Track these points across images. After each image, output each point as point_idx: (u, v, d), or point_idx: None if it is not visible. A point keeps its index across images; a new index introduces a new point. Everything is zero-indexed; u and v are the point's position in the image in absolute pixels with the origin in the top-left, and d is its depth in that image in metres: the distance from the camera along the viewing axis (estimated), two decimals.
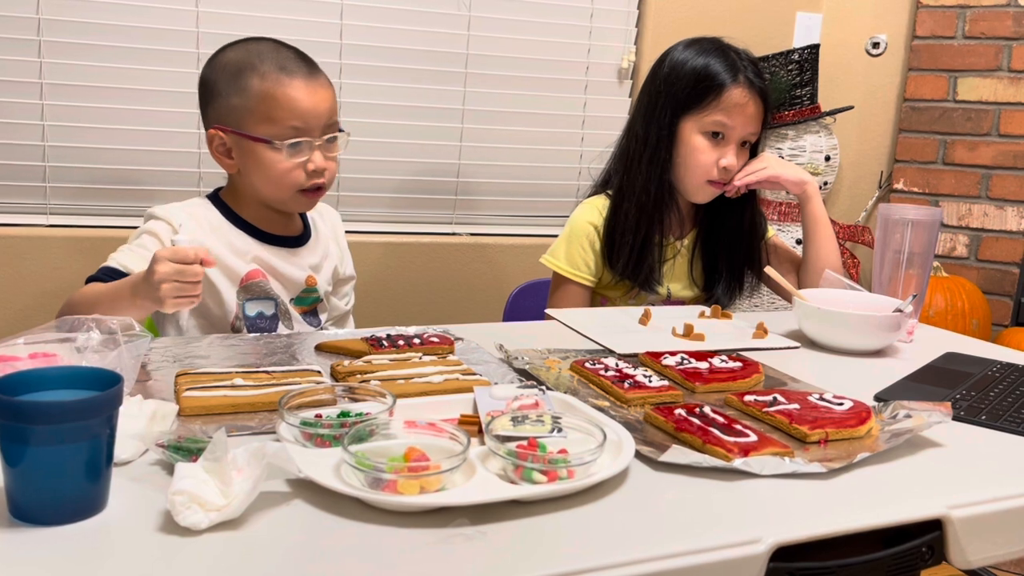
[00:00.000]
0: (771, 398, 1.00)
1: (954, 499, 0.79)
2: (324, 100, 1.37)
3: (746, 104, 1.54)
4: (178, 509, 0.64)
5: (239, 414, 0.90)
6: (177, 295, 1.10)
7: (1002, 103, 2.58)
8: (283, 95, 1.34)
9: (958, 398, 1.08)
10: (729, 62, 1.55)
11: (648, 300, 1.64)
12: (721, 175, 1.56)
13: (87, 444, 0.66)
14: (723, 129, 1.55)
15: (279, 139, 1.34)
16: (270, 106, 1.34)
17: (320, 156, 1.38)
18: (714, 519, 0.74)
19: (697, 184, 1.59)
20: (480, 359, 1.15)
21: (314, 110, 1.35)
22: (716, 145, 1.56)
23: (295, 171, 1.36)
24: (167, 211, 1.38)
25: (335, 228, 1.59)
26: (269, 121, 1.34)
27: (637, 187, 1.59)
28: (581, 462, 0.75)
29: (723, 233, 1.65)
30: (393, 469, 0.70)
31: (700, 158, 1.56)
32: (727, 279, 1.66)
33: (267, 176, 1.37)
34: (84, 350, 0.92)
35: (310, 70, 1.38)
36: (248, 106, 1.34)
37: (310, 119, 1.35)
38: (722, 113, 1.54)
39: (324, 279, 1.50)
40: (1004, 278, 2.63)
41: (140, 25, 2.06)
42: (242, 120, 1.35)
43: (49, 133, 2.05)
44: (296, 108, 1.34)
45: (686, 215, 1.67)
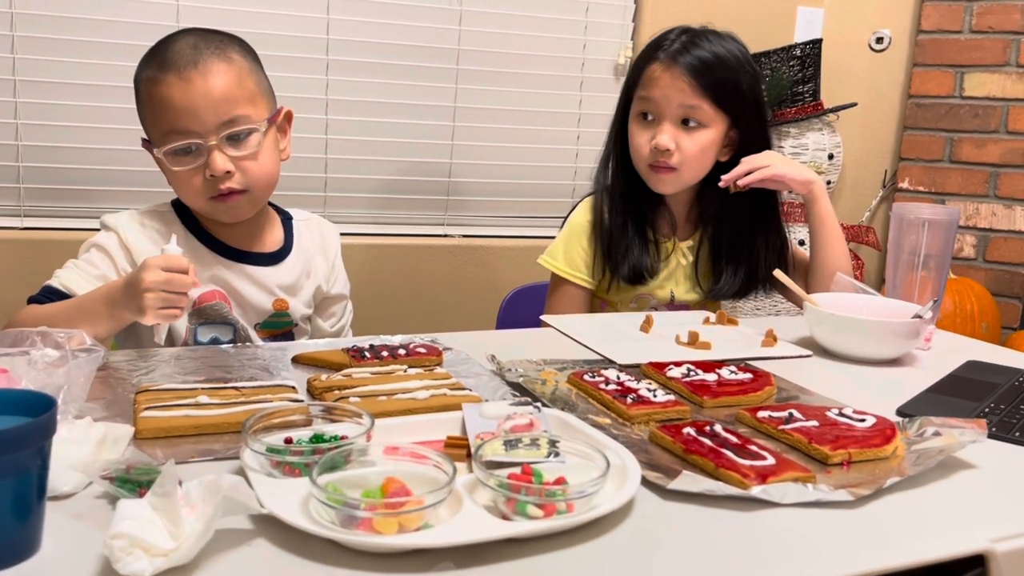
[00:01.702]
0: (787, 414, 0.92)
1: (997, 531, 0.71)
2: (203, 93, 1.19)
3: (661, 76, 1.45)
4: (117, 555, 0.56)
5: (202, 436, 0.82)
6: (163, 306, 1.04)
7: (1010, 99, 2.50)
8: (157, 96, 1.21)
9: (987, 412, 1.00)
10: (657, 41, 1.49)
11: (650, 304, 1.56)
12: (654, 156, 1.46)
13: (14, 480, 0.57)
14: (646, 107, 1.48)
15: (159, 146, 1.22)
16: (151, 109, 1.23)
17: (219, 158, 1.21)
18: (732, 557, 0.65)
19: (643, 171, 1.51)
20: (470, 371, 1.07)
21: (189, 108, 1.19)
22: (648, 127, 1.48)
23: (192, 178, 1.23)
24: (118, 221, 1.27)
25: (325, 242, 1.44)
26: (154, 127, 1.24)
27: (613, 181, 1.56)
28: (582, 494, 0.67)
29: (725, 235, 1.57)
30: (368, 505, 0.62)
31: (634, 143, 1.50)
32: (733, 283, 1.57)
33: (174, 186, 1.26)
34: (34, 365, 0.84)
35: (192, 61, 1.20)
36: (141, 112, 1.26)
37: (188, 118, 1.19)
38: (642, 90, 1.48)
39: (302, 301, 1.37)
40: (1013, 279, 2.55)
41: (118, 20, 1.98)
42: (144, 127, 1.27)
43: (23, 132, 1.96)
44: (170, 108, 1.19)
45: (679, 213, 1.58)
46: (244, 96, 1.24)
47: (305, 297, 1.38)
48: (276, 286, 1.33)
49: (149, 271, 1.04)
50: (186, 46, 1.22)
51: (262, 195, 1.30)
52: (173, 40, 1.25)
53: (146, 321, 1.05)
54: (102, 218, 1.29)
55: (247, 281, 1.30)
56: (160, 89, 1.21)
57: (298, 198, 1.34)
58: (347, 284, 1.47)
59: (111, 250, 1.25)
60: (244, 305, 1.30)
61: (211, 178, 1.22)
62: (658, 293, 1.56)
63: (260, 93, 1.28)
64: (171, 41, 1.25)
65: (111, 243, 1.25)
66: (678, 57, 1.45)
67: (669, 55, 1.46)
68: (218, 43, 1.24)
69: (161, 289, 1.03)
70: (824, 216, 1.54)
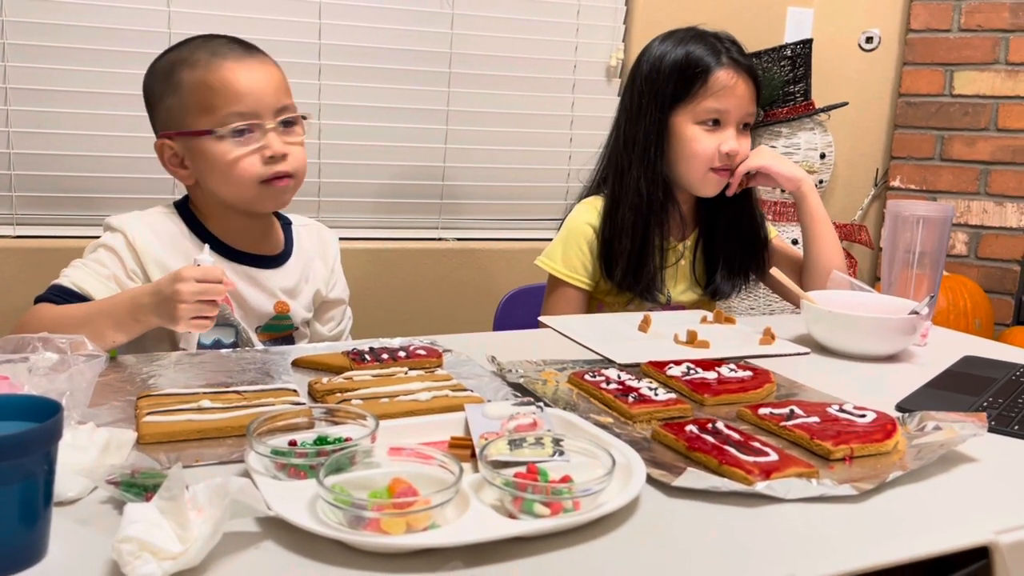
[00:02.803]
0: (787, 411, 0.92)
1: (1000, 523, 0.72)
2: (266, 78, 1.24)
3: (735, 84, 1.48)
4: (126, 559, 0.56)
5: (206, 440, 0.81)
6: (196, 315, 1.04)
7: (1000, 97, 2.52)
8: (217, 79, 1.21)
9: (985, 406, 1.01)
10: (709, 46, 1.50)
11: (647, 306, 1.56)
12: (724, 161, 1.49)
13: (21, 485, 0.57)
14: (718, 115, 1.49)
15: (221, 127, 1.22)
16: (205, 95, 1.22)
17: (277, 140, 1.24)
18: (738, 552, 0.66)
19: (700, 176, 1.51)
20: (471, 372, 1.07)
21: (255, 89, 1.23)
22: (713, 132, 1.49)
23: (248, 160, 1.23)
24: (124, 222, 1.26)
25: (324, 246, 1.44)
26: (208, 111, 1.22)
27: (631, 191, 1.51)
28: (588, 492, 0.67)
29: (722, 230, 1.58)
30: (376, 505, 0.62)
31: (698, 148, 1.49)
32: (726, 278, 1.58)
33: (222, 173, 1.24)
34: (35, 371, 0.84)
35: (246, 50, 1.26)
36: (184, 102, 1.23)
37: (252, 100, 1.22)
38: (713, 99, 1.48)
39: (302, 304, 1.36)
40: (1005, 276, 2.56)
41: (110, 26, 1.97)
42: (182, 119, 1.24)
43: (15, 140, 1.95)
44: (233, 90, 1.22)
45: (687, 215, 1.59)
46: (288, 87, 1.30)
47: (305, 300, 1.37)
48: (278, 288, 1.33)
49: (185, 283, 1.03)
50: (226, 41, 1.27)
51: (300, 183, 1.32)
52: (206, 40, 1.27)
53: (179, 329, 1.06)
54: (106, 220, 1.29)
55: (249, 283, 1.30)
56: (221, 73, 1.22)
57: (292, 203, 1.33)
58: (346, 290, 1.47)
59: (119, 250, 1.24)
60: (245, 307, 1.29)
61: (269, 160, 1.24)
62: (658, 298, 1.56)
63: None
64: (205, 41, 1.26)
65: (119, 243, 1.24)
66: (741, 62, 1.49)
67: (733, 62, 1.49)
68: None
69: (197, 299, 1.04)
70: (815, 213, 1.55)
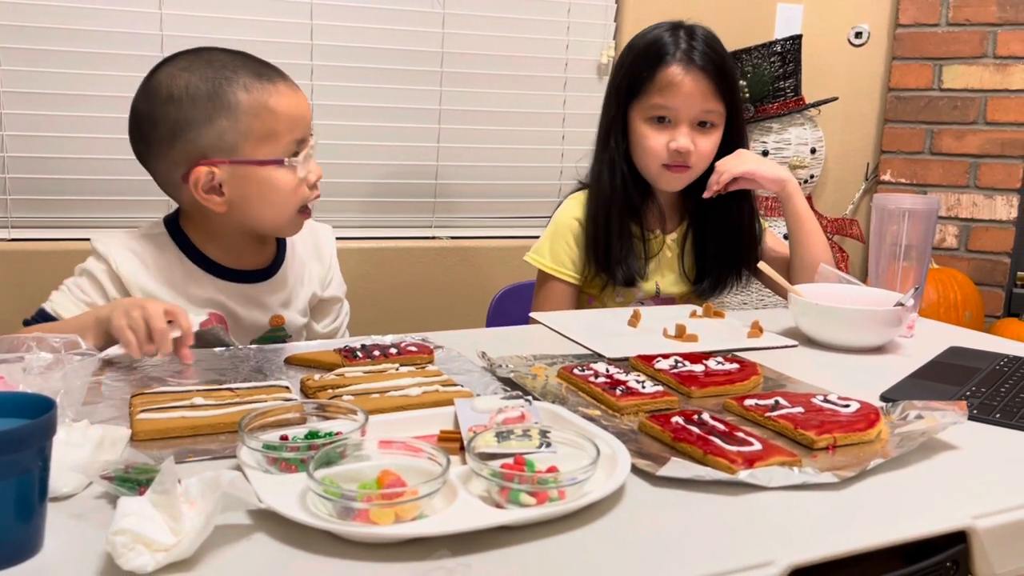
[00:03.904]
0: (772, 401, 0.93)
1: (978, 508, 0.73)
2: (306, 103, 1.24)
3: (682, 82, 1.45)
4: (120, 551, 0.57)
5: (199, 437, 0.83)
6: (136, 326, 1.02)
7: (988, 90, 2.54)
8: (278, 105, 1.18)
9: (968, 395, 1.02)
10: (665, 41, 1.48)
11: (636, 298, 1.58)
12: (674, 158, 1.48)
13: (16, 480, 0.58)
14: (664, 112, 1.48)
15: (286, 154, 1.19)
16: (267, 121, 1.17)
17: (315, 164, 1.24)
18: (721, 539, 0.67)
19: (655, 172, 1.52)
20: (462, 368, 1.08)
21: (305, 114, 1.23)
22: (663, 129, 1.49)
23: (301, 188, 1.22)
24: (109, 248, 1.22)
25: (319, 245, 1.41)
26: (271, 138, 1.18)
27: (602, 181, 1.55)
28: (573, 481, 0.68)
29: (712, 226, 1.59)
30: (364, 496, 0.63)
31: (647, 144, 1.50)
32: (715, 273, 1.60)
33: (272, 202, 1.20)
34: (30, 371, 0.85)
35: (280, 71, 1.23)
36: (241, 127, 1.16)
37: (304, 126, 1.22)
38: (659, 95, 1.47)
39: (297, 310, 1.35)
40: (995, 268, 2.58)
41: (101, 29, 1.98)
42: (237, 144, 1.16)
43: (8, 143, 1.96)
44: (293, 116, 1.20)
45: (668, 207, 1.61)
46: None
47: (300, 306, 1.36)
48: (271, 301, 1.31)
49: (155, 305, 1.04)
50: (251, 59, 1.22)
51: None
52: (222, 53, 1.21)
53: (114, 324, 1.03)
54: (92, 241, 1.25)
55: (242, 300, 1.28)
56: (279, 99, 1.19)
57: None
58: (343, 286, 1.46)
59: (101, 280, 1.22)
60: (241, 326, 1.28)
61: (313, 187, 1.24)
62: (644, 286, 1.58)
63: None
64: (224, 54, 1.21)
65: (101, 272, 1.22)
66: (693, 58, 1.46)
67: (684, 57, 1.46)
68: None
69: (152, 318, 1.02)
70: (800, 213, 1.55)
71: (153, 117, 1.18)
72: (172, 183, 1.21)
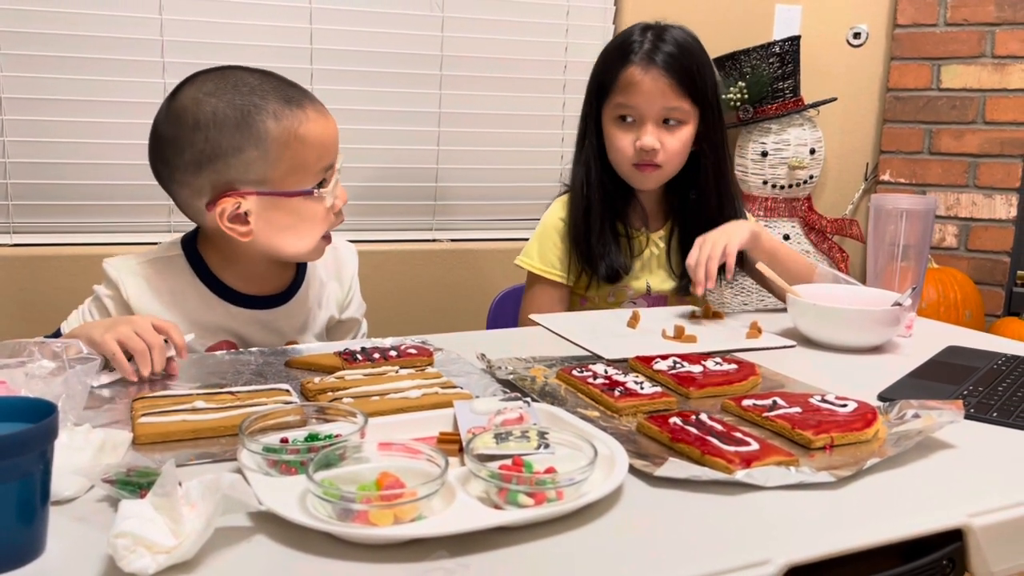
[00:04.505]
0: (770, 402, 0.94)
1: (974, 506, 0.74)
2: (335, 123, 1.20)
3: (642, 80, 1.47)
4: (121, 554, 0.58)
5: (200, 440, 0.83)
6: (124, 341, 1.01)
7: (987, 90, 2.54)
8: (307, 133, 1.14)
9: (966, 394, 1.02)
10: (630, 42, 1.50)
11: (628, 296, 1.58)
12: (641, 156, 1.49)
13: (18, 484, 0.59)
14: (628, 111, 1.50)
15: (317, 185, 1.16)
16: (297, 151, 1.13)
17: (342, 188, 1.22)
18: (718, 539, 0.67)
19: (626, 171, 1.54)
20: (461, 370, 1.09)
21: (334, 139, 1.19)
22: (629, 129, 1.51)
23: (328, 216, 1.20)
24: (121, 274, 1.20)
25: (341, 266, 1.38)
26: (300, 168, 1.14)
27: (580, 182, 1.57)
28: (571, 482, 0.69)
29: (696, 224, 1.55)
30: (363, 498, 0.63)
31: (615, 144, 1.52)
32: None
33: (298, 232, 1.17)
34: (32, 376, 0.85)
35: (308, 93, 1.18)
36: (270, 157, 1.12)
37: (334, 151, 1.19)
38: (621, 95, 1.49)
39: (313, 334, 1.32)
40: (995, 267, 2.58)
41: (102, 35, 1.98)
42: (266, 175, 1.13)
43: (10, 149, 1.97)
44: (324, 143, 1.17)
45: (651, 206, 1.61)
46: None
47: (316, 330, 1.33)
48: (287, 327, 1.28)
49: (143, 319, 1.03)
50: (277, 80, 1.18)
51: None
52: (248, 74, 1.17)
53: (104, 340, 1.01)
54: (105, 264, 1.22)
55: (257, 327, 1.25)
56: (309, 126, 1.15)
57: None
58: (362, 306, 1.43)
59: (108, 306, 1.20)
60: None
61: (338, 214, 1.22)
62: (634, 285, 1.58)
63: None
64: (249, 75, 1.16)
65: (108, 299, 1.21)
66: (654, 58, 1.47)
67: (645, 57, 1.47)
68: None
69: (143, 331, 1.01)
70: (771, 248, 1.49)
71: (178, 143, 1.14)
72: (195, 209, 1.18)
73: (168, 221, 2.09)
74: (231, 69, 1.18)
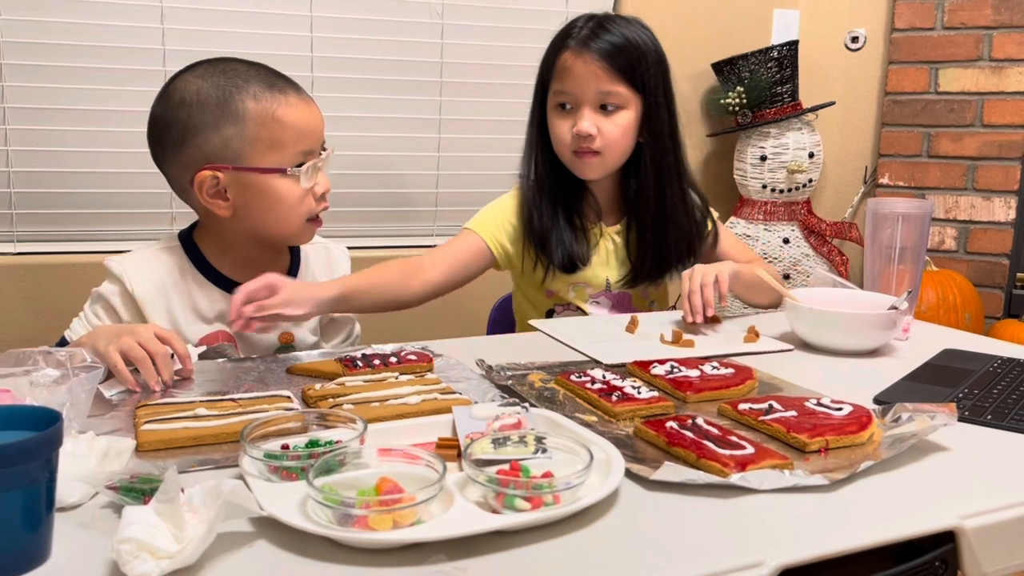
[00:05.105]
0: (766, 405, 0.95)
1: (966, 508, 0.74)
2: (318, 116, 1.26)
3: (574, 64, 1.46)
4: (125, 559, 0.59)
5: (202, 447, 0.84)
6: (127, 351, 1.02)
7: (985, 93, 2.55)
8: (285, 115, 1.20)
9: (961, 397, 1.03)
10: (568, 29, 1.49)
11: (587, 294, 1.56)
12: (578, 143, 1.47)
13: (24, 491, 0.60)
14: (564, 98, 1.49)
15: (291, 164, 1.21)
16: (274, 130, 1.19)
17: (324, 176, 1.27)
18: (712, 542, 0.68)
19: (567, 159, 1.52)
20: (460, 376, 1.10)
21: (316, 126, 1.24)
22: (567, 115, 1.49)
23: (307, 199, 1.25)
24: (124, 267, 1.24)
25: (333, 266, 1.43)
26: (276, 147, 1.20)
27: (526, 171, 1.58)
28: (567, 486, 0.70)
29: (650, 217, 1.54)
30: (363, 503, 0.65)
31: (555, 132, 1.51)
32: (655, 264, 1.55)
33: (277, 211, 1.22)
34: (36, 385, 0.87)
35: (292, 84, 1.25)
36: (247, 134, 1.19)
37: (314, 138, 1.24)
38: (557, 82, 1.49)
39: (308, 329, 1.36)
40: (994, 270, 2.59)
41: (104, 45, 2.00)
42: (241, 151, 1.19)
43: (14, 158, 1.98)
44: (301, 128, 1.22)
45: (604, 199, 1.58)
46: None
47: (311, 325, 1.36)
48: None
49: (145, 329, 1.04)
50: (267, 70, 1.24)
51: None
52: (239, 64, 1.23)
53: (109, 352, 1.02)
54: (106, 263, 1.26)
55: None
56: (287, 109, 1.21)
57: None
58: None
59: (114, 303, 1.23)
60: (250, 340, 1.29)
61: (321, 198, 1.26)
62: (593, 280, 1.56)
63: None
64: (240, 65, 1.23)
65: (114, 295, 1.23)
66: (588, 43, 1.46)
67: (579, 42, 1.46)
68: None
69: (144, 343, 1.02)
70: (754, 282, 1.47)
71: (166, 121, 1.22)
72: (183, 187, 1.25)
73: (172, 230, 2.10)
74: (225, 59, 1.25)
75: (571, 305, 1.58)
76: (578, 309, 1.58)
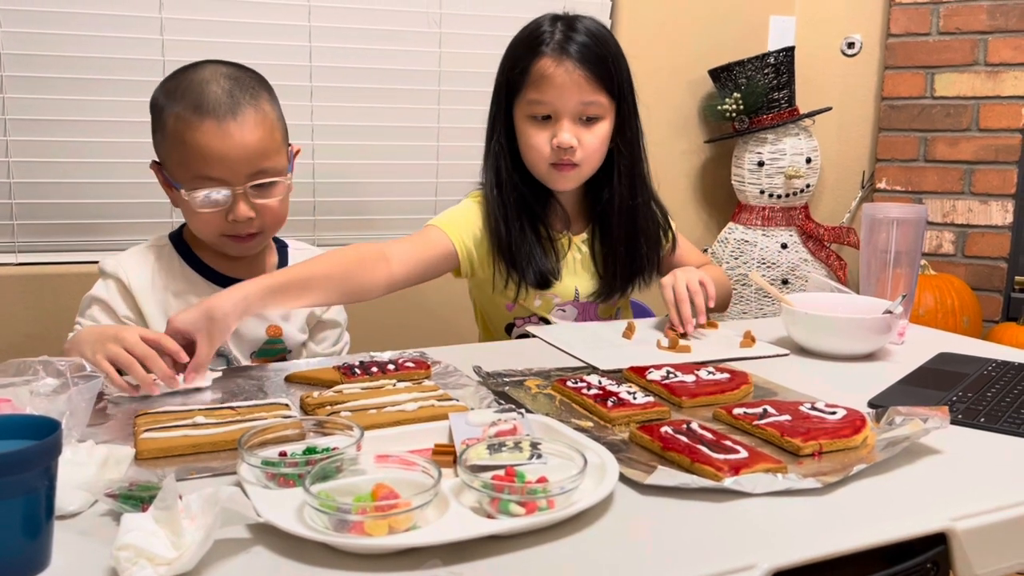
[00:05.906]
0: (761, 410, 0.96)
1: (958, 510, 0.75)
2: (241, 146, 1.22)
3: (555, 73, 1.37)
4: (124, 566, 0.59)
5: (200, 455, 0.85)
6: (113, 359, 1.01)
7: (980, 97, 2.56)
8: (192, 140, 1.21)
9: (954, 400, 1.04)
10: (538, 33, 1.41)
11: (554, 303, 1.51)
12: (559, 155, 1.40)
13: (24, 499, 0.61)
14: (543, 108, 1.40)
15: (188, 188, 1.23)
16: (181, 152, 1.23)
17: (244, 206, 1.24)
18: (705, 545, 0.69)
19: (543, 172, 1.45)
20: (457, 383, 1.10)
21: (227, 157, 1.22)
22: (545, 126, 1.41)
23: (213, 220, 1.25)
24: (118, 264, 1.29)
25: None
26: (182, 166, 1.24)
27: (489, 184, 1.48)
28: (561, 491, 0.70)
29: (614, 227, 1.52)
30: (359, 509, 0.65)
31: (531, 143, 1.42)
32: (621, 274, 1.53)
33: (192, 220, 1.29)
34: (36, 394, 0.87)
35: (230, 108, 1.22)
36: (166, 146, 1.27)
37: (223, 168, 1.22)
38: (534, 90, 1.40)
39: (295, 326, 1.38)
40: (992, 273, 2.60)
41: (104, 56, 2.01)
42: (165, 159, 1.28)
43: (15, 169, 2.00)
44: (207, 156, 1.21)
45: (571, 208, 1.54)
46: (273, 147, 1.27)
47: (299, 322, 1.39)
48: (270, 312, 1.33)
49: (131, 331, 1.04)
50: (222, 91, 1.24)
51: (274, 232, 1.36)
52: (205, 80, 1.25)
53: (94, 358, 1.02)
54: (100, 263, 1.29)
55: None
56: (196, 135, 1.22)
57: (288, 223, 1.36)
58: (342, 312, 1.48)
59: (111, 301, 1.26)
60: (238, 334, 1.30)
61: (233, 223, 1.26)
62: (562, 292, 1.52)
63: (284, 140, 1.33)
64: (203, 81, 1.25)
65: (110, 293, 1.26)
66: (567, 49, 1.38)
67: (557, 48, 1.39)
68: (251, 89, 1.27)
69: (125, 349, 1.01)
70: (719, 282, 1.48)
71: (151, 105, 1.32)
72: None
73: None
74: (205, 64, 1.29)
75: (533, 317, 1.53)
76: (541, 320, 1.53)
